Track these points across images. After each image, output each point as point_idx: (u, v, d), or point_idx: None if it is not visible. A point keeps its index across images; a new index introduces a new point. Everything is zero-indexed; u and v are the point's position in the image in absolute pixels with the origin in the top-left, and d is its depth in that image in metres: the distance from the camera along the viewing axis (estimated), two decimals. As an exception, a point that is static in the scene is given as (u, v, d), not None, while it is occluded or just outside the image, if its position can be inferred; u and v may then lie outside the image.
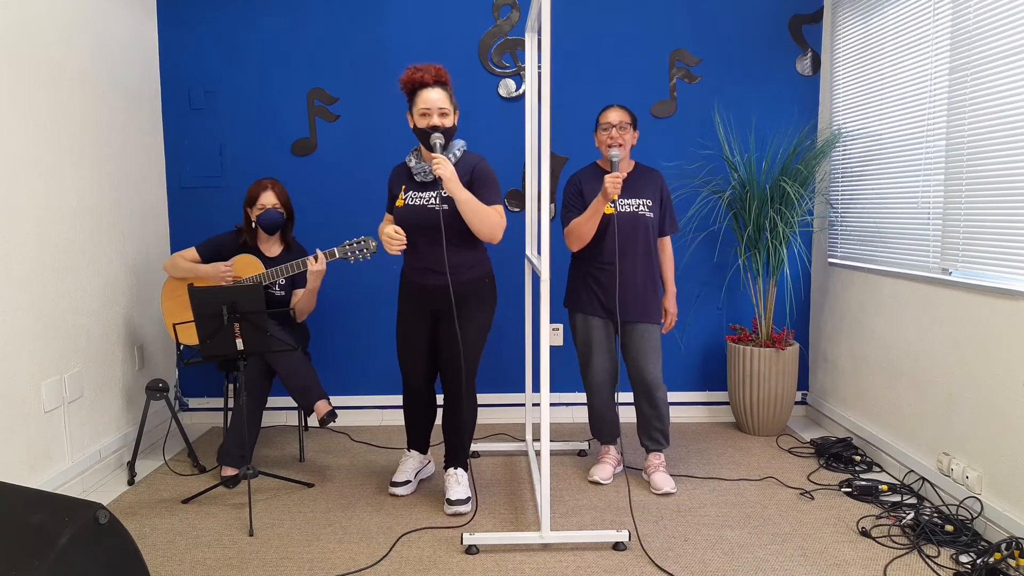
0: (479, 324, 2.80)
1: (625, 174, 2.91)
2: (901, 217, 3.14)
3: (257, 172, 3.88)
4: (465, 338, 2.78)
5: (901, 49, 3.13)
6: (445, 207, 2.70)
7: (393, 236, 2.69)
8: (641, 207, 2.97)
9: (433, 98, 2.63)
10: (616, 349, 3.07)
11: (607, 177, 2.73)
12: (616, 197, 2.77)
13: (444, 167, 2.55)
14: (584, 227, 2.90)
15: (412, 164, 2.76)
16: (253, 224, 3.27)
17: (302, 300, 3.23)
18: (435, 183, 2.73)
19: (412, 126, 2.72)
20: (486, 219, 2.64)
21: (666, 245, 3.10)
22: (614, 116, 2.91)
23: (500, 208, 2.71)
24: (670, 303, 3.11)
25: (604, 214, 2.95)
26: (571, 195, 3.02)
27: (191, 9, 3.82)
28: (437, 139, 2.61)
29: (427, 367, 2.92)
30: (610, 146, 2.89)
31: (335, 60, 3.84)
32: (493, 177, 2.74)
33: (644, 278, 2.98)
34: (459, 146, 2.76)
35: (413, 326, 2.85)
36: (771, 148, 3.88)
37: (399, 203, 2.76)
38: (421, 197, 2.73)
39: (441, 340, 2.82)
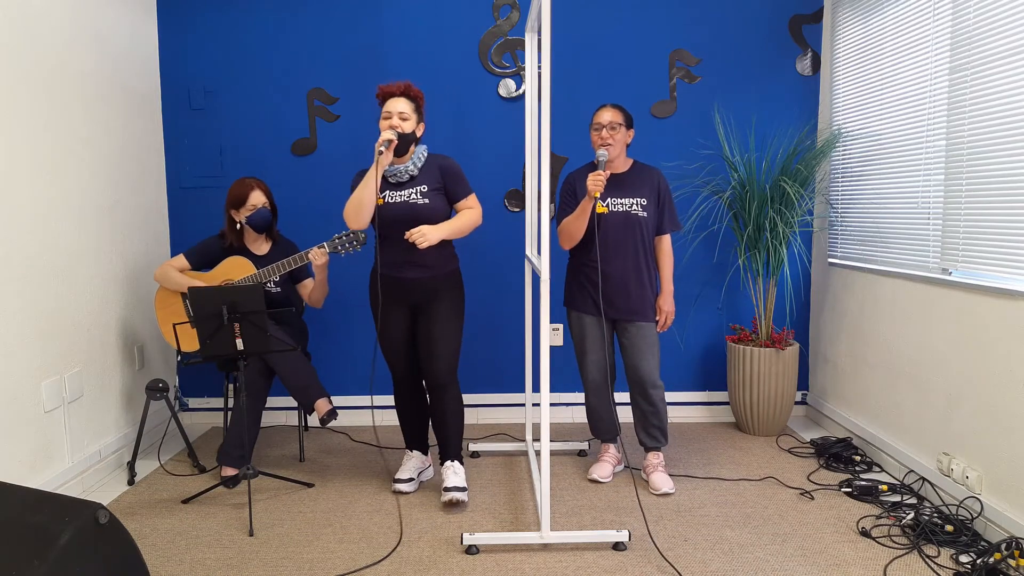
0: (458, 316, 2.90)
1: (608, 173, 2.90)
2: (901, 217, 3.14)
3: (257, 172, 3.88)
4: (447, 329, 2.86)
5: (901, 49, 3.13)
6: (427, 202, 2.79)
7: (386, 133, 2.72)
8: (634, 207, 2.99)
9: (395, 104, 2.79)
10: (614, 347, 3.08)
11: (590, 176, 2.79)
12: (598, 195, 2.81)
13: (426, 241, 2.68)
14: (572, 226, 2.95)
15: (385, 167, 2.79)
16: (239, 226, 3.25)
17: (315, 291, 3.27)
18: (411, 181, 2.82)
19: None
20: (470, 226, 2.84)
21: (663, 243, 3.09)
22: (605, 116, 2.96)
23: (473, 196, 2.89)
24: (664, 301, 3.08)
25: (596, 213, 2.98)
26: (565, 194, 3.07)
27: (191, 9, 3.81)
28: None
29: (411, 357, 2.98)
30: (600, 146, 2.95)
31: (335, 60, 3.84)
32: (460, 171, 2.89)
33: (637, 277, 3.01)
34: (422, 151, 2.86)
35: (393, 320, 2.91)
36: (771, 148, 3.88)
37: (379, 201, 2.80)
38: (401, 195, 2.81)
39: (420, 334, 2.89)
